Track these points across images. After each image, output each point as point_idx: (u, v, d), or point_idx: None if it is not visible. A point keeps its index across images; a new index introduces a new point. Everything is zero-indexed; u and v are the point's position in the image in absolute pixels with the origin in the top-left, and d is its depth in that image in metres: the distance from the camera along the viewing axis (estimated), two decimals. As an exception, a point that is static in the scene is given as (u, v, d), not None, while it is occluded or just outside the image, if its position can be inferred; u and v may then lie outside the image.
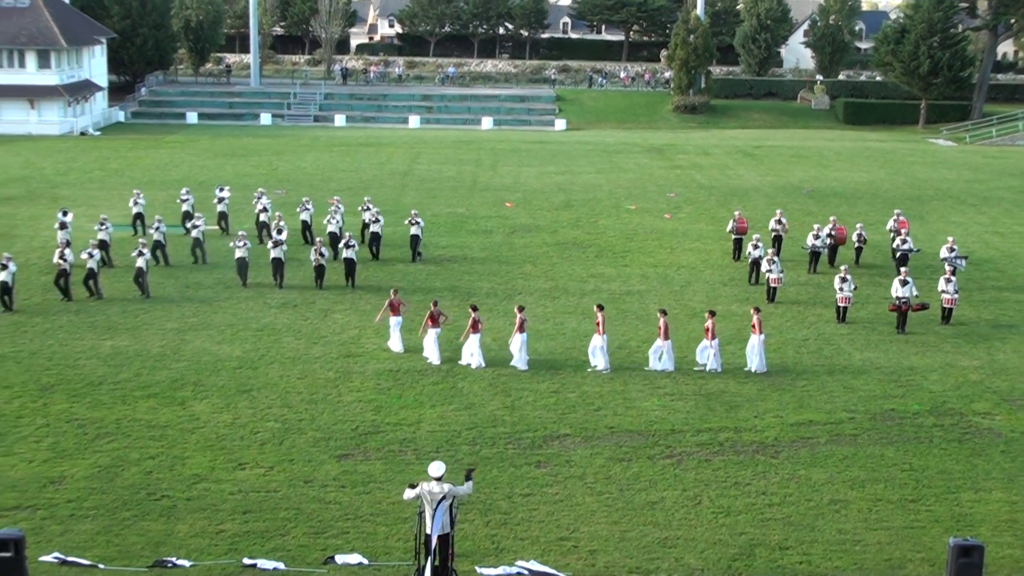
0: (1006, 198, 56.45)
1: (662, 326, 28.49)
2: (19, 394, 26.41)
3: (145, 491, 21.30)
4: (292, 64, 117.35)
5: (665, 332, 28.44)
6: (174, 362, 28.92)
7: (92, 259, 34.96)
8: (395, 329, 29.97)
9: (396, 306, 29.94)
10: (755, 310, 29.21)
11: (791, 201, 53.49)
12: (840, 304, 33.49)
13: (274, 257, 36.20)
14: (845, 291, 33.32)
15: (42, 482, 21.63)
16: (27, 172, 60.07)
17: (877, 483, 22.18)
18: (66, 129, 79.04)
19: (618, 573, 18.53)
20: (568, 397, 26.72)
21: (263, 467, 22.52)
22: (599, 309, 28.95)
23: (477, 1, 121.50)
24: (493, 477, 22.07)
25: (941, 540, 19.05)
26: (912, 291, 33.04)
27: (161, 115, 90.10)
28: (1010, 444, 24.32)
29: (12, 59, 79.23)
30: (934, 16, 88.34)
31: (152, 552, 18.79)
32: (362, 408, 25.86)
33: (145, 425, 24.62)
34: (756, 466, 22.92)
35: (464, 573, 17.39)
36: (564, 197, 54.39)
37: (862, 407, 26.40)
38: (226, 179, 56.35)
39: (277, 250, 36.26)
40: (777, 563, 18.95)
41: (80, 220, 42.77)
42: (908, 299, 32.85)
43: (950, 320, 33.46)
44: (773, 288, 35.35)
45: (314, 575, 18.25)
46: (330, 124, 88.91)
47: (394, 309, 29.93)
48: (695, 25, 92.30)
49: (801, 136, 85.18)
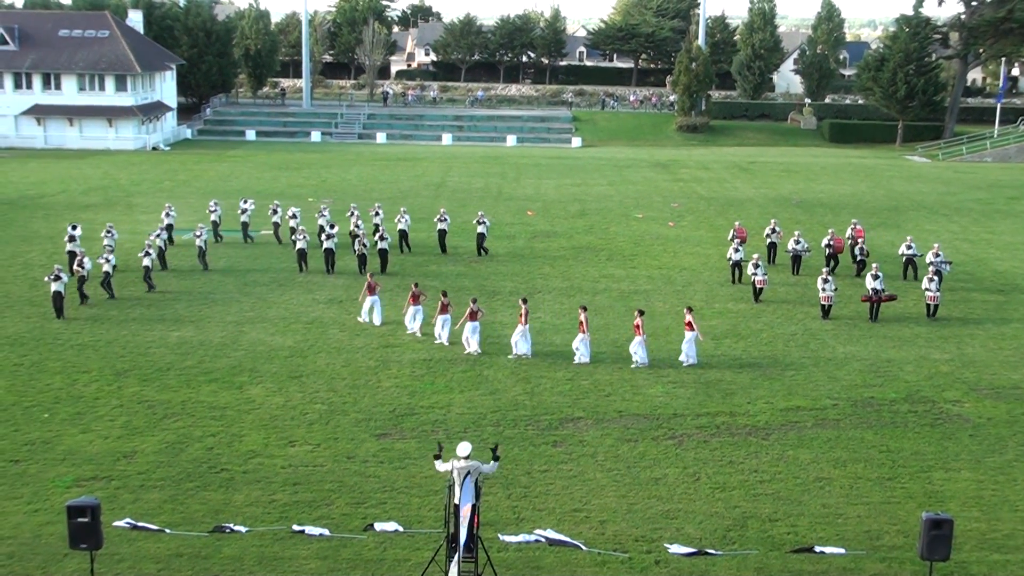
0: (975, 209, 56.05)
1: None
2: (96, 378, 26.57)
3: (206, 465, 21.39)
4: (339, 88, 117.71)
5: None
6: (233, 351, 29.04)
7: (108, 263, 34.17)
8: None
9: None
10: (688, 310, 28.82)
11: (781, 211, 53.23)
12: (823, 303, 33.35)
13: (326, 248, 38.05)
14: (827, 291, 33.20)
15: (116, 456, 21.75)
16: (105, 182, 60.47)
17: (857, 463, 22.05)
18: (140, 145, 79.55)
19: (625, 541, 18.48)
20: (582, 384, 26.67)
21: (311, 444, 22.57)
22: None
23: (503, 32, 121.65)
24: (515, 455, 22.05)
25: (915, 514, 18.92)
26: (882, 284, 33.31)
27: (223, 132, 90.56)
28: (977, 429, 24.13)
29: (93, 83, 79.81)
30: (910, 46, 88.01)
31: (212, 519, 18.84)
32: (399, 392, 25.88)
33: (207, 406, 24.73)
34: (749, 447, 22.81)
35: (488, 540, 17.35)
36: (579, 206, 54.32)
37: (844, 395, 26.25)
38: (280, 190, 56.66)
39: (329, 242, 38.03)
40: (767, 534, 18.86)
41: (151, 226, 43.05)
42: (879, 291, 33.18)
43: (935, 315, 33.42)
44: (759, 288, 35.17)
45: (355, 541, 18.26)
46: (372, 141, 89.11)
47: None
48: (697, 54, 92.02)
49: (791, 153, 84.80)
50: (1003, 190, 63.51)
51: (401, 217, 42.14)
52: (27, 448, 22.11)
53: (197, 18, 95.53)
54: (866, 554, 18.07)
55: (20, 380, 26.33)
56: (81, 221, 44.28)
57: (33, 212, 49.63)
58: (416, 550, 17.97)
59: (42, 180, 60.74)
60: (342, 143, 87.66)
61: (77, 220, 43.49)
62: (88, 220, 45.91)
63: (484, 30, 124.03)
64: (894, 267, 38.45)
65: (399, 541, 18.28)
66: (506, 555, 17.73)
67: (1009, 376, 28.00)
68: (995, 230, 49.42)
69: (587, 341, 28.52)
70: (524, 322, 28.53)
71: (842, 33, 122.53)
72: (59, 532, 17.05)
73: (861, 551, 18.08)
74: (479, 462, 16.62)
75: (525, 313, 28.55)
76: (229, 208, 46.57)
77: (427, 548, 17.56)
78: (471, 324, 28.74)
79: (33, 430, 23.10)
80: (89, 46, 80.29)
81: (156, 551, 17.82)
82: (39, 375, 26.74)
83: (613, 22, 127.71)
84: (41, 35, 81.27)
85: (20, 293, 34.45)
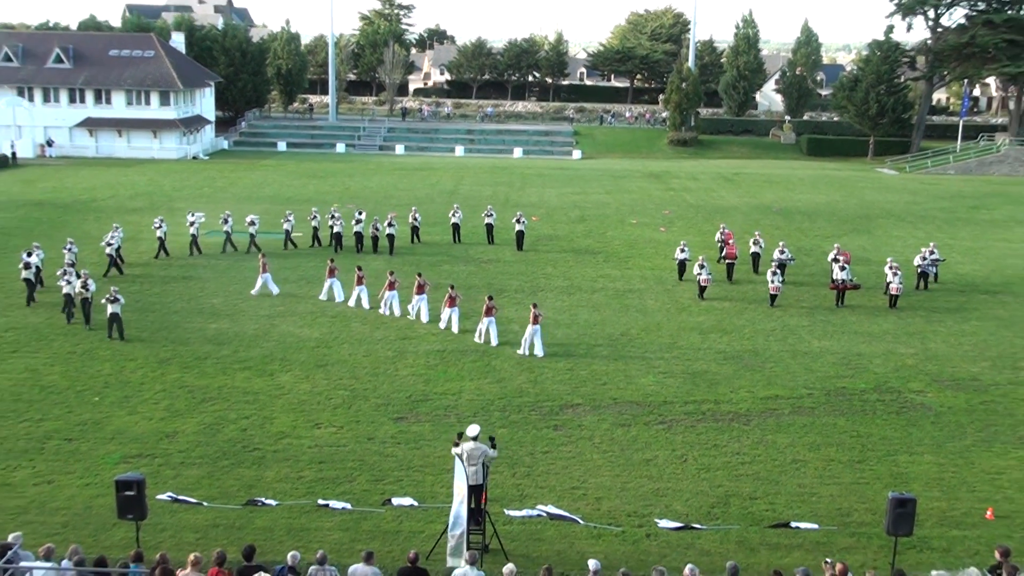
0: (938, 217, 55.86)
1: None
2: (142, 365, 26.65)
3: (240, 444, 21.46)
4: (362, 104, 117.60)
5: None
6: (265, 342, 29.09)
7: (68, 285, 30.37)
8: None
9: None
10: (533, 305, 28.73)
11: (763, 218, 53.15)
12: (772, 292, 34.31)
13: (356, 231, 42.28)
14: (775, 282, 34.22)
15: (159, 436, 21.84)
16: (150, 188, 60.54)
17: (830, 447, 22.05)
18: (181, 154, 79.60)
19: (619, 516, 18.51)
20: (580, 374, 26.68)
21: (335, 426, 22.62)
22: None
23: (511, 54, 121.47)
24: (519, 437, 22.08)
25: (882, 494, 18.93)
26: (848, 275, 34.49)
27: (257, 144, 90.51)
28: (939, 416, 24.11)
29: (139, 98, 79.88)
30: (881, 69, 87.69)
31: (245, 493, 18.92)
32: (414, 380, 25.92)
33: (241, 392, 24.79)
34: (732, 431, 22.82)
35: (495, 514, 17.40)
36: (579, 213, 54.25)
37: (819, 385, 26.23)
38: (308, 195, 56.65)
39: (359, 226, 42.30)
40: (748, 510, 18.87)
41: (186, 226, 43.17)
42: (845, 280, 34.30)
43: (896, 306, 33.93)
44: (703, 286, 35.06)
45: (374, 514, 18.32)
46: (392, 152, 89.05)
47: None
48: (687, 75, 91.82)
49: (772, 165, 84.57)
50: (964, 200, 63.31)
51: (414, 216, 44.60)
52: (80, 428, 22.22)
53: (234, 40, 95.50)
54: (837, 530, 18.09)
55: (73, 367, 26.43)
56: (128, 224, 44.41)
57: (85, 215, 49.72)
58: (430, 523, 18.03)
59: (93, 186, 60.82)
60: (364, 154, 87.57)
61: (123, 222, 43.54)
62: (134, 222, 46.05)
63: (494, 52, 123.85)
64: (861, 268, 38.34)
65: (414, 514, 18.33)
66: (511, 528, 17.77)
67: (968, 369, 27.96)
68: (957, 236, 49.27)
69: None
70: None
71: (819, 56, 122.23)
72: (108, 504, 17.11)
73: (833, 527, 18.11)
74: (485, 446, 16.74)
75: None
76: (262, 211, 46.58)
77: (439, 521, 17.61)
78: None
79: (85, 412, 23.20)
80: (136, 65, 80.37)
81: (195, 522, 17.91)
82: (90, 362, 26.83)
83: (611, 46, 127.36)
84: (93, 55, 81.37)
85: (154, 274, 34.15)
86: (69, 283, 30.45)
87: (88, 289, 29.63)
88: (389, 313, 31.91)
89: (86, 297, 29.64)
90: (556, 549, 17.27)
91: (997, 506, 19.22)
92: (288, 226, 42.48)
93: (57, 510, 18.31)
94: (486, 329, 29.12)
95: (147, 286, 35.01)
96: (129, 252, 39.46)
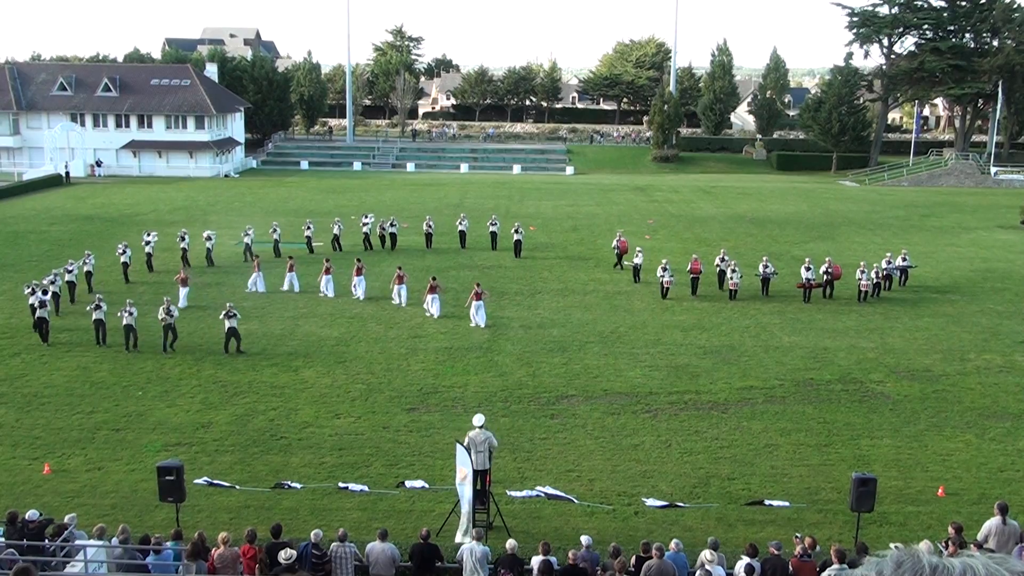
0: (894, 224, 55.81)
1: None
2: (180, 363, 26.62)
3: (268, 433, 21.43)
4: (376, 126, 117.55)
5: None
6: (290, 340, 29.06)
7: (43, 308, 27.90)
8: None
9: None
10: (476, 284, 31.22)
11: (738, 226, 53.10)
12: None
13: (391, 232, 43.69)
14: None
15: (195, 426, 21.81)
16: (187, 203, 60.52)
17: (800, 432, 22.01)
18: (214, 173, 79.57)
19: (610, 496, 18.47)
20: (574, 368, 26.64)
21: (353, 416, 22.59)
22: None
23: (510, 80, 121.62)
24: (519, 426, 22.04)
25: (846, 474, 18.87)
26: (813, 274, 34.79)
27: (282, 163, 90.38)
28: (896, 404, 24.07)
29: (177, 122, 79.87)
30: (842, 91, 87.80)
31: (273, 477, 18.89)
32: (425, 374, 25.88)
33: (269, 386, 24.76)
34: (711, 419, 22.78)
35: (498, 495, 17.38)
36: (572, 223, 54.19)
37: (789, 376, 26.19)
38: (328, 209, 56.60)
39: (393, 228, 43.75)
40: (726, 490, 18.83)
41: (223, 238, 43.23)
42: (811, 279, 34.70)
43: (865, 300, 34.55)
44: (666, 288, 34.92)
45: (389, 496, 18.29)
46: (403, 170, 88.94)
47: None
48: (668, 98, 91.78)
49: (746, 179, 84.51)
50: (917, 208, 63.25)
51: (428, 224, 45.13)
52: (125, 419, 22.19)
53: (261, 70, 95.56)
54: (806, 507, 18.06)
55: (120, 364, 26.41)
56: (166, 235, 44.36)
57: (129, 228, 49.67)
58: (439, 503, 17.98)
59: (136, 202, 60.82)
60: (379, 171, 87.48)
61: (162, 234, 43.47)
62: (171, 234, 46.01)
63: (494, 79, 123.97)
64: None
65: (425, 496, 18.30)
66: (512, 507, 17.74)
67: (922, 361, 27.91)
68: (911, 241, 49.16)
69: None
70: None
71: (787, 80, 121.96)
72: (151, 488, 17.10)
73: (802, 504, 18.08)
74: (490, 434, 16.73)
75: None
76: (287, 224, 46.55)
77: (448, 502, 17.57)
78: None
79: (130, 405, 23.17)
80: (175, 92, 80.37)
81: (228, 503, 17.87)
82: (135, 360, 26.80)
83: (600, 72, 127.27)
84: (137, 84, 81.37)
85: (122, 292, 34.44)
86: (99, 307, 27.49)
87: (172, 315, 27.19)
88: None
89: (169, 323, 27.09)
90: (553, 526, 17.23)
91: (947, 484, 19.18)
92: (309, 233, 42.88)
93: (107, 493, 18.28)
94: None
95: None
96: (168, 261, 39.44)
